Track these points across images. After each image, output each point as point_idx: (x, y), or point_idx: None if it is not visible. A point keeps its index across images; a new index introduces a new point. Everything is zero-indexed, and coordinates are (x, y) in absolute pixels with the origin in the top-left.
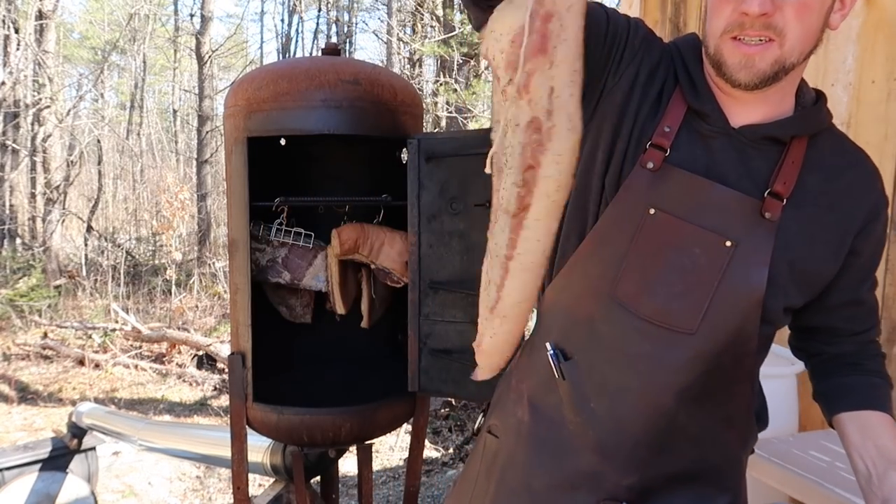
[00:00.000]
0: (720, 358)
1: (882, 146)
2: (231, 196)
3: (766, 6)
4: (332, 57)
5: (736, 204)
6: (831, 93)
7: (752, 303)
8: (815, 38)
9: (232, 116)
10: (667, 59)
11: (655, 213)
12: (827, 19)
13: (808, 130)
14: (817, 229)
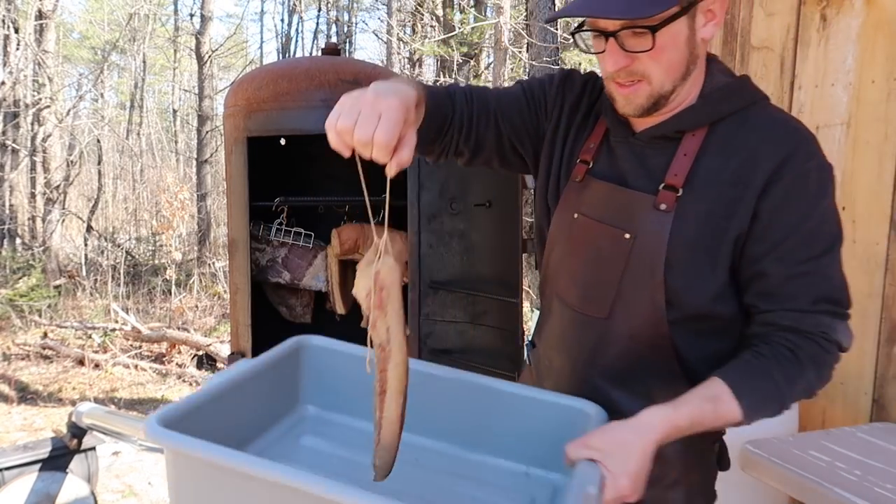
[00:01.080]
0: (633, 340)
1: (882, 146)
2: (231, 196)
3: (619, 63)
4: (332, 57)
5: (633, 201)
6: (831, 93)
7: (654, 287)
8: (683, 64)
9: (232, 116)
10: (592, 85)
11: (578, 217)
12: (693, 41)
13: (699, 123)
14: (717, 206)
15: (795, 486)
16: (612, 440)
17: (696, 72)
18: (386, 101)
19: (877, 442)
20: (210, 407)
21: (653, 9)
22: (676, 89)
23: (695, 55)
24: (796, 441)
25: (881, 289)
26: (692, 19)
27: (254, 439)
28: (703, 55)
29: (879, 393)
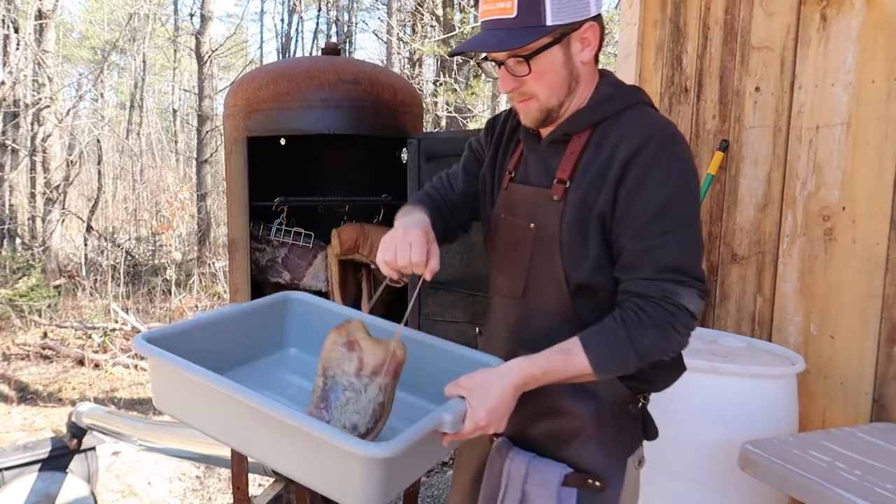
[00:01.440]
0: (545, 314)
1: (882, 146)
2: (231, 196)
3: (509, 86)
4: (332, 57)
5: (535, 196)
6: (831, 92)
7: (554, 266)
8: (565, 84)
9: (232, 116)
10: (513, 115)
11: (503, 216)
12: (571, 64)
13: (581, 126)
14: (589, 193)
15: (795, 486)
16: (477, 382)
17: (582, 87)
18: (412, 233)
19: (877, 442)
20: (194, 334)
21: (520, 42)
22: (563, 103)
23: (575, 75)
24: (796, 441)
25: (881, 289)
26: (567, 47)
27: (235, 367)
28: (586, 74)
29: (879, 393)
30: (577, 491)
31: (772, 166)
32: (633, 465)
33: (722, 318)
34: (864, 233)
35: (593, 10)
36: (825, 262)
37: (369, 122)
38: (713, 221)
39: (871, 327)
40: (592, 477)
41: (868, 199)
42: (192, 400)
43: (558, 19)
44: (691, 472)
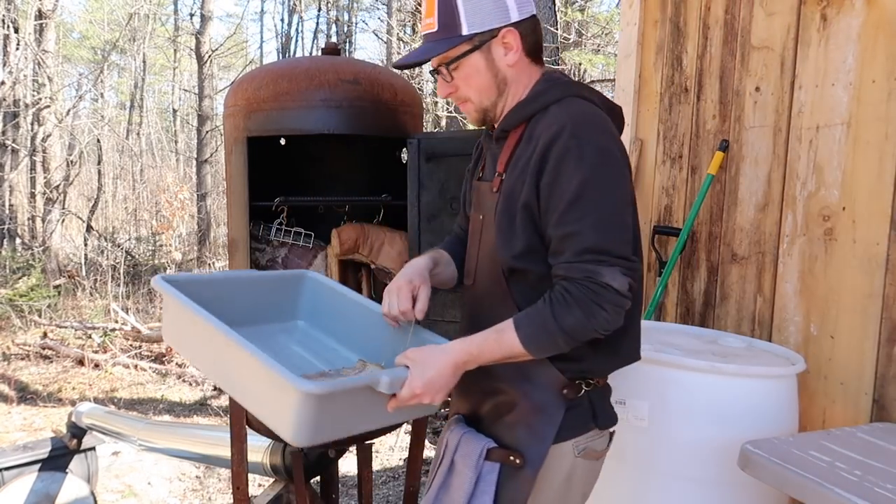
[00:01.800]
0: (490, 298)
1: (882, 146)
2: (231, 196)
3: (444, 91)
4: (332, 57)
5: (483, 189)
6: (832, 92)
7: (493, 251)
8: (493, 85)
9: (232, 116)
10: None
11: (471, 213)
12: (495, 67)
13: (514, 122)
14: (516, 184)
15: (795, 486)
16: (421, 355)
17: (515, 87)
18: (397, 283)
19: (877, 442)
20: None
21: (437, 51)
22: (497, 103)
23: (501, 77)
24: (796, 441)
25: (881, 289)
26: (488, 52)
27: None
28: (515, 74)
29: (880, 393)
30: (499, 465)
31: (772, 166)
32: (573, 450)
33: (722, 318)
34: (864, 233)
35: (513, 17)
36: (825, 262)
37: (369, 122)
38: (713, 221)
39: (872, 327)
40: (514, 454)
41: (868, 199)
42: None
43: (474, 28)
44: (691, 472)
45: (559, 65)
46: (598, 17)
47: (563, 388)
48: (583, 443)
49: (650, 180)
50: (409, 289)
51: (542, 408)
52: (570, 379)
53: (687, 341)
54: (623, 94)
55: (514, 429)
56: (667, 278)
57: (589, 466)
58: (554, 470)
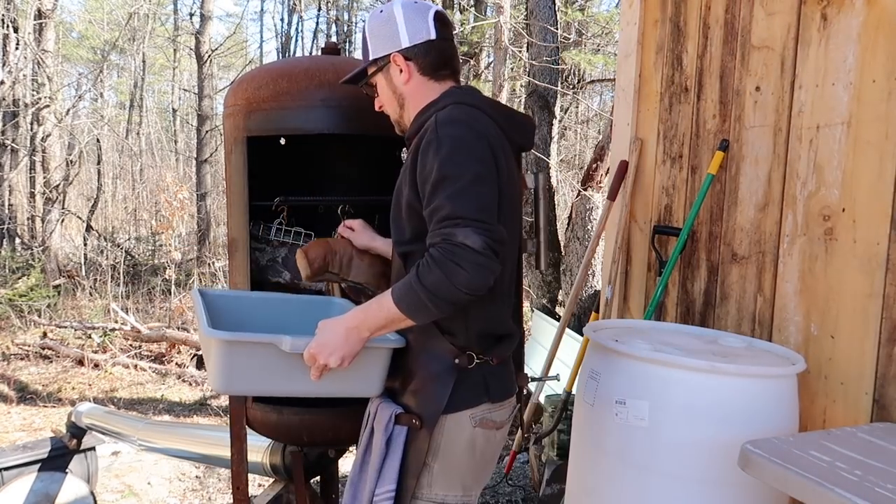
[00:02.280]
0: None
1: (883, 145)
2: (231, 195)
3: (376, 105)
4: (332, 56)
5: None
6: (832, 92)
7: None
8: (394, 101)
9: (232, 116)
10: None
11: None
12: (393, 86)
13: (412, 131)
14: (403, 181)
15: (795, 486)
16: (325, 322)
17: (413, 101)
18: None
19: (878, 442)
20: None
21: (352, 73)
22: (402, 115)
23: (399, 94)
24: (796, 441)
25: (881, 289)
26: (387, 73)
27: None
28: (413, 91)
29: (880, 393)
30: (406, 428)
31: (772, 166)
32: (471, 420)
33: (722, 318)
34: (864, 232)
35: (403, 43)
36: (825, 261)
37: (369, 121)
38: (713, 221)
39: (872, 327)
40: (415, 417)
41: (868, 198)
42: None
43: (376, 53)
44: (691, 472)
45: (559, 64)
46: (598, 16)
47: (455, 358)
48: (479, 414)
49: (650, 180)
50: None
51: (436, 376)
52: (460, 350)
53: (687, 341)
54: (623, 94)
55: (416, 395)
56: (667, 278)
57: (489, 435)
58: (455, 439)
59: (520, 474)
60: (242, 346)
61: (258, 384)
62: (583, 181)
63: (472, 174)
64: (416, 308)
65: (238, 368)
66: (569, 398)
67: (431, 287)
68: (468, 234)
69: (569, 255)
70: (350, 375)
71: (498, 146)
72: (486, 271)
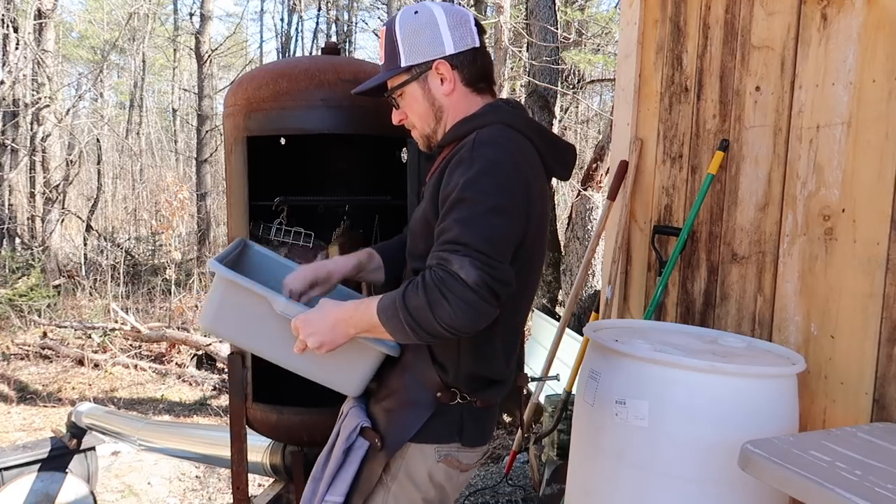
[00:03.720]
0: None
1: (883, 145)
2: (231, 195)
3: (396, 118)
4: (332, 56)
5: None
6: (832, 92)
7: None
8: (430, 113)
9: (232, 116)
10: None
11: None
12: (431, 97)
13: (446, 140)
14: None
15: (795, 486)
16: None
17: (452, 114)
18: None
19: (878, 442)
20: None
21: (378, 80)
22: (436, 130)
23: (438, 106)
24: (796, 441)
25: (881, 289)
26: (424, 82)
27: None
28: (453, 103)
29: (880, 393)
30: (367, 444)
31: (772, 166)
32: (435, 454)
33: (722, 318)
34: (864, 232)
35: (448, 50)
36: (825, 261)
37: (369, 121)
38: (713, 221)
39: (872, 327)
40: (378, 437)
41: (868, 198)
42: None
43: (411, 60)
44: (691, 472)
45: (559, 64)
46: (597, 16)
47: (438, 392)
48: (444, 450)
49: (650, 180)
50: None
51: (414, 402)
52: (445, 385)
53: (687, 341)
54: (623, 94)
55: (387, 414)
56: (667, 278)
57: (451, 473)
58: (415, 467)
59: (520, 474)
60: (238, 289)
61: (241, 335)
62: (583, 181)
63: (493, 203)
64: (393, 326)
65: (227, 310)
66: (569, 398)
67: (412, 311)
68: (464, 264)
69: (569, 255)
70: (332, 365)
71: (536, 179)
72: (474, 312)
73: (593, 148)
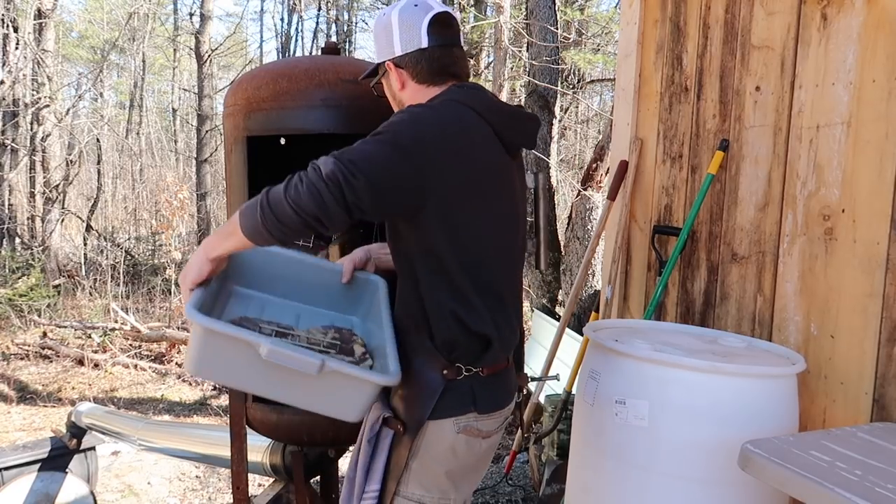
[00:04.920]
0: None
1: (883, 145)
2: (231, 195)
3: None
4: (332, 56)
5: None
6: (832, 92)
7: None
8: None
9: (232, 116)
10: None
11: None
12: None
13: None
14: None
15: (795, 486)
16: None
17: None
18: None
19: (878, 442)
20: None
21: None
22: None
23: (399, 99)
24: (796, 441)
25: (881, 289)
26: (387, 79)
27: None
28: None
29: (880, 393)
30: (392, 432)
31: (772, 166)
32: (454, 426)
33: (722, 318)
34: (864, 232)
35: (396, 52)
36: (825, 261)
37: (370, 121)
38: (713, 221)
39: (872, 327)
40: (399, 422)
41: (868, 198)
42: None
43: (378, 59)
44: (691, 472)
45: (559, 64)
46: (597, 16)
47: (444, 370)
48: (462, 421)
49: (650, 180)
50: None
51: (425, 384)
52: (449, 362)
53: (687, 341)
54: (623, 94)
55: (403, 401)
56: (667, 278)
57: (472, 443)
58: (436, 443)
59: (520, 474)
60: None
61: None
62: (583, 181)
63: (391, 137)
64: (249, 213)
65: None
66: (569, 398)
67: (271, 195)
68: (328, 162)
69: (569, 254)
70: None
71: (468, 143)
72: (319, 197)
73: (593, 148)
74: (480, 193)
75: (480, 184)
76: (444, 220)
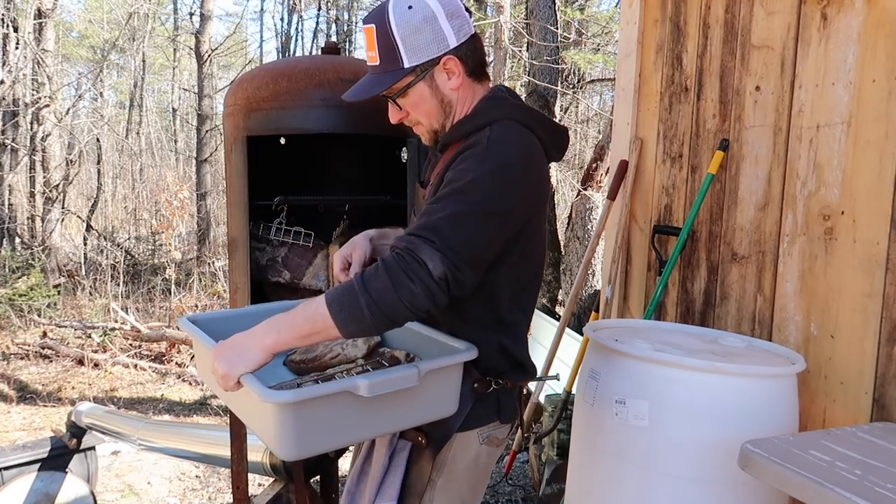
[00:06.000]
0: None
1: (883, 145)
2: (231, 195)
3: (396, 116)
4: (332, 56)
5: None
6: (832, 92)
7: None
8: (439, 109)
9: (232, 115)
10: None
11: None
12: (440, 93)
13: (454, 138)
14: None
15: (795, 485)
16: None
17: (459, 106)
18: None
19: (878, 442)
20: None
21: (383, 87)
22: (444, 124)
23: (447, 101)
24: (796, 441)
25: (881, 288)
26: (431, 80)
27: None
28: (460, 96)
29: (880, 392)
30: (410, 444)
31: (772, 165)
32: (478, 438)
33: (722, 318)
34: (864, 232)
35: (451, 43)
36: (825, 261)
37: (369, 121)
38: (713, 221)
39: (872, 327)
40: (421, 435)
41: (868, 198)
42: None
43: (414, 60)
44: (691, 472)
45: (559, 64)
46: (597, 16)
47: (475, 383)
48: (486, 432)
49: (650, 179)
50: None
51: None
52: (482, 375)
53: (687, 341)
54: (623, 94)
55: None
56: (667, 278)
57: (491, 451)
58: (462, 455)
59: (520, 474)
60: (313, 403)
61: (336, 438)
62: (583, 181)
63: (490, 207)
64: (349, 313)
65: (308, 429)
66: (569, 398)
67: (375, 293)
68: (434, 257)
69: (569, 254)
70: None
71: (544, 178)
72: (433, 297)
73: (593, 148)
74: (541, 221)
75: (542, 212)
76: (512, 257)
